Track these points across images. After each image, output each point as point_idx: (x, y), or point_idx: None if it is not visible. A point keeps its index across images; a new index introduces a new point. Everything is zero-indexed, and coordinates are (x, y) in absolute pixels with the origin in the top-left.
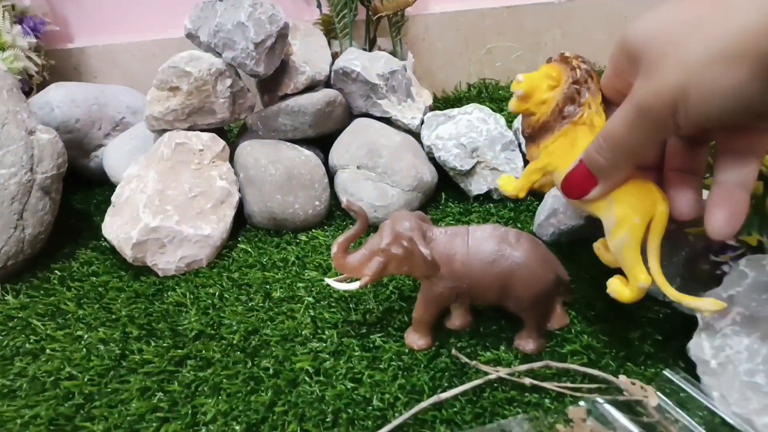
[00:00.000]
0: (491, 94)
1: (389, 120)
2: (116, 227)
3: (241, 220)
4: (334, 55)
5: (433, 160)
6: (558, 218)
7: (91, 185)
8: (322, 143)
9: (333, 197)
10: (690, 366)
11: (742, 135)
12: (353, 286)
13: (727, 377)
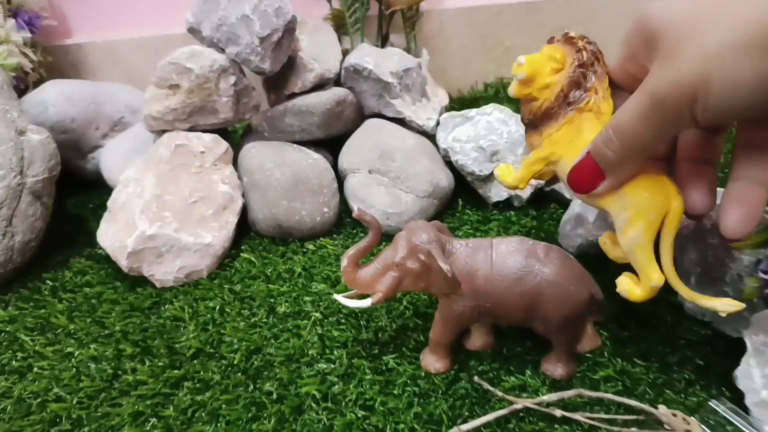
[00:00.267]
0: None
1: (403, 121)
2: (111, 234)
3: (245, 227)
4: (345, 52)
5: (450, 164)
6: (586, 228)
7: (88, 188)
8: (332, 145)
9: (342, 203)
10: (737, 395)
11: (764, 128)
12: (364, 304)
13: None
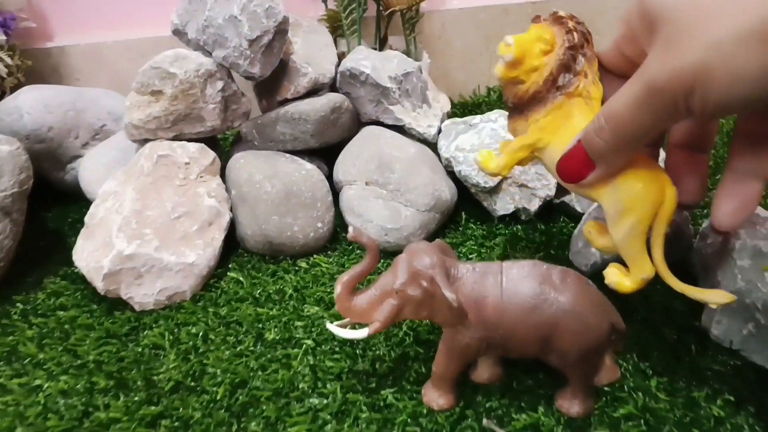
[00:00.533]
0: None
1: (402, 128)
2: (87, 254)
3: (233, 243)
4: (341, 55)
5: (452, 174)
6: None
7: (67, 201)
8: (327, 154)
9: (338, 217)
10: None
11: (764, 120)
12: (360, 334)
13: None
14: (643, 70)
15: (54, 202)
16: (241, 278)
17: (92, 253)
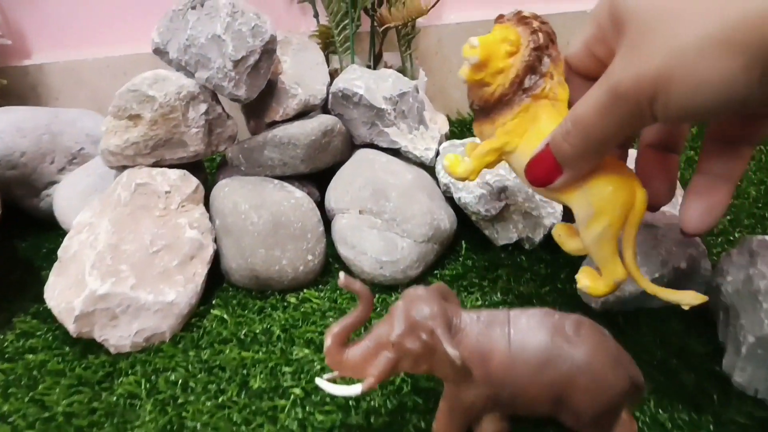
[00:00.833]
0: None
1: (398, 152)
2: (59, 292)
3: (217, 277)
4: (333, 73)
5: (451, 199)
6: None
7: (42, 229)
8: (318, 178)
9: (330, 246)
10: None
11: (734, 123)
12: (353, 391)
13: None
14: (608, 75)
15: (28, 231)
16: (226, 316)
17: (64, 292)
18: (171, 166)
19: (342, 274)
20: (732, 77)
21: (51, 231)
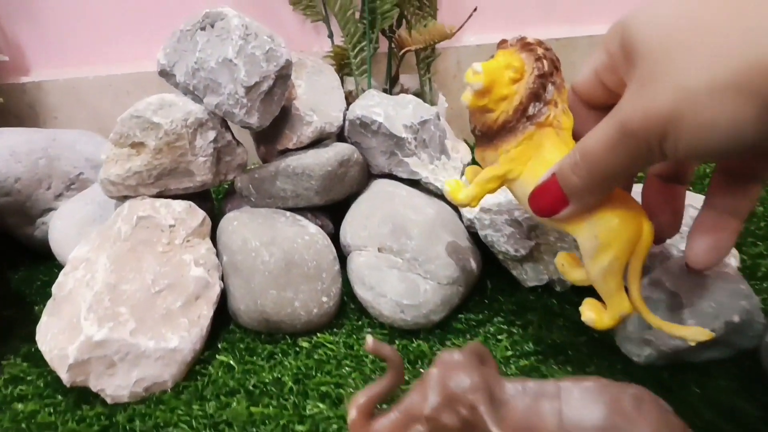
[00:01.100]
0: None
1: (418, 182)
2: (51, 336)
3: (224, 317)
4: (348, 95)
5: (475, 235)
6: (656, 332)
7: (37, 260)
8: (332, 208)
9: (345, 284)
10: None
11: (744, 158)
12: None
13: None
14: (618, 109)
15: (21, 261)
16: (233, 362)
17: (57, 336)
18: (176, 197)
19: (369, 338)
20: (742, 122)
21: (46, 261)
